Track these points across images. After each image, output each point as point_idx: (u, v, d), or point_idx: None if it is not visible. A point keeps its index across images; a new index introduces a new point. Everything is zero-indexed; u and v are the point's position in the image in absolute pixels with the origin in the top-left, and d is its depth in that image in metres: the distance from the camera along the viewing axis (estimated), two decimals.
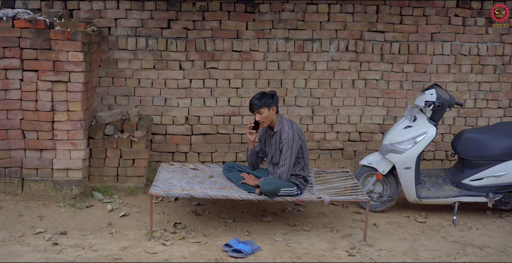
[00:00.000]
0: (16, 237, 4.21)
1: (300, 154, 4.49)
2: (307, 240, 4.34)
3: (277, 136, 4.45)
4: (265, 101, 4.39)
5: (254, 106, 4.40)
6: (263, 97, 4.41)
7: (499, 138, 4.83)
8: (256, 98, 4.42)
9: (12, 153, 4.79)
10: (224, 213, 4.82)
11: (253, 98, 4.44)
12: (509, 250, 4.28)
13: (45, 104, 4.74)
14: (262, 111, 4.39)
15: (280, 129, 4.43)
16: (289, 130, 4.38)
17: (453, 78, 5.79)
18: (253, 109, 4.43)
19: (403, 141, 4.81)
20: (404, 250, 4.22)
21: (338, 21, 5.61)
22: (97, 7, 5.41)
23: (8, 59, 4.66)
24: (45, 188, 4.83)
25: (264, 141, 4.64)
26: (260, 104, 4.38)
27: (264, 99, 4.39)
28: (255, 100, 4.41)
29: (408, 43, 5.69)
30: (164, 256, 3.94)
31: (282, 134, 4.39)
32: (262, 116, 4.41)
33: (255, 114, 4.43)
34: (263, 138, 4.65)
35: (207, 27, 5.51)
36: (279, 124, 4.45)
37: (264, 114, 4.40)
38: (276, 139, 4.46)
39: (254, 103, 4.40)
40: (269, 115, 4.42)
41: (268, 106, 4.40)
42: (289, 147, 4.35)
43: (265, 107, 4.39)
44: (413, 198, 4.86)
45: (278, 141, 4.43)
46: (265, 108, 4.39)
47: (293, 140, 4.36)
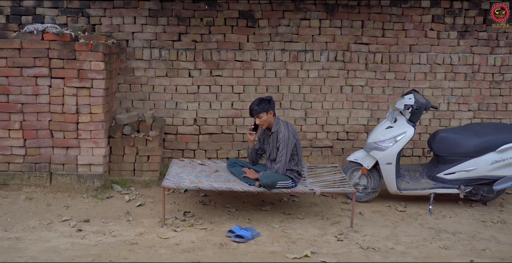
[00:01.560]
0: (45, 224, 4.21)
1: (295, 152, 4.48)
2: (301, 226, 4.33)
3: (274, 136, 4.44)
4: (263, 106, 4.37)
5: (254, 112, 4.39)
6: (261, 103, 4.39)
7: (469, 137, 4.82)
8: (255, 104, 4.40)
9: (41, 150, 4.79)
10: (228, 203, 4.82)
11: (253, 104, 4.42)
12: (478, 236, 4.27)
13: (70, 107, 4.73)
14: (261, 115, 4.38)
15: (277, 130, 4.42)
16: (285, 130, 4.38)
17: (429, 84, 5.78)
18: (253, 114, 4.41)
19: (385, 139, 4.81)
20: (386, 235, 4.22)
21: (328, 34, 5.60)
22: (117, 22, 5.41)
23: (38, 68, 4.66)
24: (70, 181, 4.82)
25: (263, 140, 4.63)
26: (259, 109, 4.37)
27: (262, 105, 4.37)
28: (254, 106, 4.39)
29: (389, 53, 5.69)
30: (175, 241, 3.94)
31: (279, 134, 4.38)
32: (261, 120, 4.40)
33: (255, 118, 4.42)
34: (262, 137, 4.64)
35: (213, 39, 5.51)
36: (276, 125, 4.44)
37: (263, 118, 4.39)
38: (274, 139, 4.45)
39: (254, 109, 4.38)
40: (267, 119, 4.41)
41: (266, 111, 4.39)
42: (285, 145, 4.34)
43: (263, 112, 4.38)
44: (394, 190, 4.86)
45: (275, 140, 4.43)
46: (263, 113, 4.38)
47: (288, 140, 4.35)
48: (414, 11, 5.65)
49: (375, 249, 3.89)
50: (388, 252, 3.85)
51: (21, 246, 3.74)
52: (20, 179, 4.78)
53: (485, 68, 5.80)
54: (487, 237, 4.24)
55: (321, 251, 3.81)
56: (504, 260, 3.76)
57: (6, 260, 3.46)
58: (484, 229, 4.44)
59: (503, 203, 5.08)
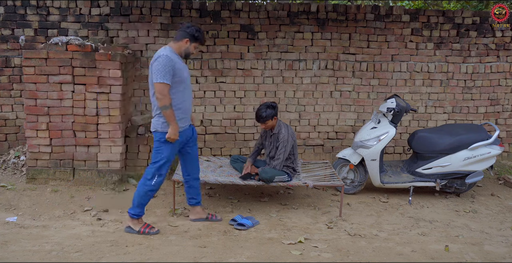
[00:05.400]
0: (69, 213, 4.21)
1: (291, 151, 4.47)
2: (295, 216, 4.33)
3: (275, 136, 4.42)
4: (269, 113, 4.28)
5: (261, 119, 4.30)
6: (267, 110, 4.28)
7: (444, 136, 4.83)
8: (262, 111, 4.28)
9: (65, 148, 4.78)
10: (231, 195, 4.81)
11: (260, 111, 4.29)
12: (452, 224, 4.27)
13: (91, 110, 4.73)
14: (267, 122, 4.32)
15: (278, 131, 4.38)
16: (285, 132, 4.34)
17: (408, 90, 5.79)
18: (260, 121, 4.33)
19: (370, 139, 4.81)
20: (371, 223, 4.22)
21: (319, 45, 5.60)
22: (132, 35, 5.41)
23: (62, 75, 4.65)
24: (91, 176, 4.82)
25: (264, 137, 4.60)
26: (266, 117, 4.29)
27: (268, 112, 4.28)
28: (262, 113, 4.27)
29: (374, 62, 5.69)
30: (184, 228, 3.94)
31: (280, 135, 4.35)
32: (267, 125, 4.34)
33: (261, 124, 4.35)
34: (264, 135, 4.60)
35: (218, 50, 5.50)
36: (278, 127, 4.40)
37: (269, 124, 4.33)
38: (274, 139, 4.43)
39: (261, 117, 4.28)
40: (272, 123, 4.36)
41: (271, 117, 4.32)
42: (283, 145, 4.32)
43: (269, 119, 4.32)
44: (378, 183, 4.86)
45: (276, 140, 4.41)
46: (269, 120, 4.32)
47: (287, 141, 4.33)
48: (395, 25, 5.65)
49: (361, 236, 3.89)
50: (372, 238, 3.85)
51: (47, 233, 3.74)
52: (46, 173, 4.78)
53: (458, 75, 5.80)
54: (460, 225, 4.24)
55: (313, 237, 3.81)
56: (475, 246, 3.76)
57: (35, 245, 3.46)
58: (458, 217, 4.44)
59: (474, 195, 5.09)
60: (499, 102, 5.91)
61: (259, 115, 4.31)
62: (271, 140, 4.49)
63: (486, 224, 4.29)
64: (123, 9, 5.36)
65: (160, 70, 3.46)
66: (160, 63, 3.46)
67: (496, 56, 5.81)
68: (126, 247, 3.48)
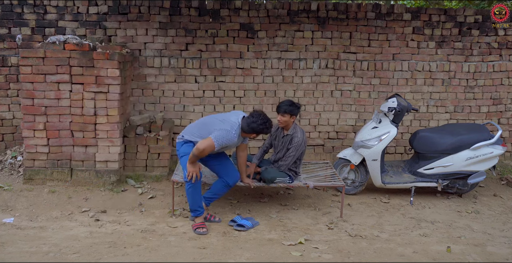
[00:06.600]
0: (66, 214, 4.20)
1: (299, 156, 4.42)
2: (295, 216, 4.32)
3: (288, 138, 4.35)
4: (292, 109, 4.23)
5: (282, 109, 4.23)
6: (292, 105, 4.24)
7: (446, 136, 4.82)
8: (287, 104, 4.24)
9: (63, 148, 4.77)
10: (230, 195, 4.81)
11: (284, 103, 4.25)
12: (454, 224, 4.26)
13: (89, 110, 4.72)
14: (285, 115, 4.25)
15: (293, 133, 4.32)
16: (301, 137, 4.29)
17: (410, 89, 5.78)
18: (280, 111, 4.25)
19: (371, 138, 4.80)
20: (372, 224, 4.21)
21: (319, 44, 5.60)
22: (130, 33, 5.40)
23: (60, 75, 4.64)
24: (89, 176, 4.81)
25: (275, 136, 4.55)
26: (288, 110, 4.23)
27: (292, 107, 4.23)
28: (285, 105, 4.23)
29: (374, 61, 5.68)
30: (183, 229, 3.93)
31: (294, 138, 4.30)
32: (283, 119, 4.27)
33: (278, 115, 4.28)
34: (275, 134, 4.55)
35: (217, 49, 5.50)
36: (293, 129, 4.34)
37: (285, 118, 4.27)
38: (286, 140, 4.37)
39: (284, 107, 4.23)
40: (288, 120, 4.29)
41: (291, 114, 4.26)
42: (295, 149, 4.28)
43: (289, 114, 4.26)
44: (379, 184, 4.85)
45: (288, 142, 4.35)
46: (288, 114, 4.25)
47: (300, 146, 4.29)
48: (396, 24, 5.64)
49: (362, 237, 3.88)
50: (373, 239, 3.84)
51: (45, 234, 3.73)
52: (44, 174, 4.77)
53: (460, 74, 5.80)
54: (462, 226, 4.24)
55: (313, 238, 3.80)
56: (477, 246, 3.75)
57: (32, 246, 3.45)
58: (460, 218, 4.43)
59: (476, 195, 5.08)
60: (501, 101, 5.90)
61: (283, 104, 4.24)
62: (283, 140, 4.43)
63: (488, 224, 4.29)
64: (121, 8, 5.35)
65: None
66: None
67: (499, 55, 5.81)
68: (125, 248, 3.48)
